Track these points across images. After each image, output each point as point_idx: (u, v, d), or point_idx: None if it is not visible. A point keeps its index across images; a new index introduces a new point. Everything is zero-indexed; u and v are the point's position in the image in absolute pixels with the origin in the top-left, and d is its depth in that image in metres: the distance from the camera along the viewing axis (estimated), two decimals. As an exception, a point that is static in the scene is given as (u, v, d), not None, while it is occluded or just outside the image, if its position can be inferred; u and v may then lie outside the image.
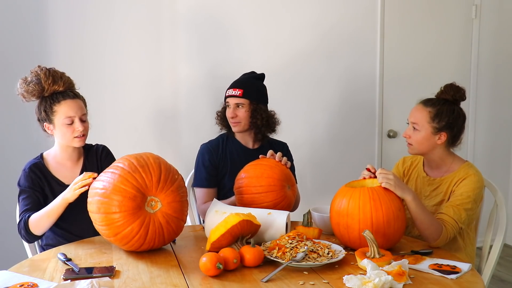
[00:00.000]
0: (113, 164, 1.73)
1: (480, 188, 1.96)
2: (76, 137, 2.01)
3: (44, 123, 2.02)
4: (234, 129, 2.36)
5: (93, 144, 2.21)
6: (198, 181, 2.35)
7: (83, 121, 2.03)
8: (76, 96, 2.03)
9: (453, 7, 3.63)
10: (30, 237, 1.93)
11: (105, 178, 1.67)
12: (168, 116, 3.06)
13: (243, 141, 2.41)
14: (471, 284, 1.45)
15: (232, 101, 2.33)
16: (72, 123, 1.99)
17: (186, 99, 3.07)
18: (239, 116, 2.32)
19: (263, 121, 2.34)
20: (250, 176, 1.99)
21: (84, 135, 2.04)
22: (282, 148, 2.47)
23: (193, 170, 2.49)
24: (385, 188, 1.73)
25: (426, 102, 2.05)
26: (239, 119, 2.32)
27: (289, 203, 2.00)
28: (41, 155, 2.09)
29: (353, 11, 3.37)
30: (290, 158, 2.47)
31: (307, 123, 3.36)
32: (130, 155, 1.75)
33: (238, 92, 2.32)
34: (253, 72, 2.47)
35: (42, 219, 1.88)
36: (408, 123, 2.10)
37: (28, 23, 2.72)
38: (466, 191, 1.91)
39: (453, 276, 1.49)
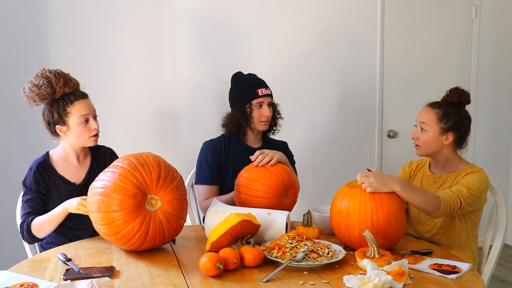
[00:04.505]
0: (113, 163, 1.73)
1: (486, 182, 1.98)
2: (92, 136, 2.05)
3: (57, 126, 2.01)
4: (263, 128, 2.36)
5: (100, 145, 2.21)
6: (201, 178, 2.34)
7: (95, 119, 2.06)
8: (85, 95, 2.06)
9: (453, 7, 3.63)
10: (32, 239, 1.94)
11: (105, 177, 1.67)
12: (168, 116, 3.06)
13: (250, 141, 2.40)
14: (471, 284, 1.45)
15: (267, 100, 2.34)
16: (87, 122, 2.02)
17: (186, 99, 3.07)
18: (270, 115, 2.35)
19: (278, 117, 2.43)
20: (249, 177, 2.00)
21: (98, 133, 2.07)
22: (282, 147, 2.48)
23: (193, 170, 2.49)
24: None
25: (433, 105, 2.10)
26: (269, 117, 2.35)
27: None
28: (47, 153, 2.10)
29: (353, 12, 3.37)
30: (290, 155, 2.47)
31: (307, 123, 3.36)
32: (129, 155, 1.75)
33: (269, 91, 2.36)
34: (250, 74, 2.46)
35: (44, 224, 1.90)
36: (416, 126, 2.13)
37: (28, 23, 2.72)
38: (472, 179, 1.95)
39: (453, 276, 1.49)
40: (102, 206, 1.62)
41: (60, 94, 1.98)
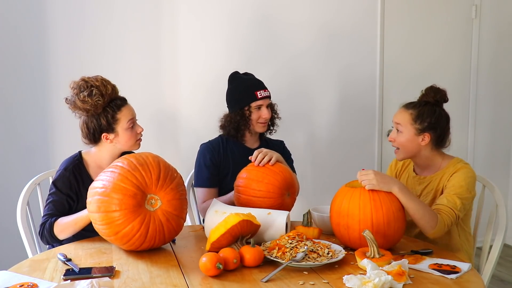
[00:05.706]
0: (113, 163, 1.73)
1: (472, 177, 1.95)
2: (138, 140, 2.07)
3: (103, 134, 1.99)
4: (261, 129, 2.36)
5: None
6: (199, 181, 2.32)
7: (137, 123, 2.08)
8: (126, 99, 2.06)
9: (453, 7, 3.64)
10: (52, 240, 1.90)
11: (105, 177, 1.67)
12: (168, 117, 3.06)
13: (248, 141, 2.39)
14: (471, 284, 1.45)
15: (266, 102, 2.33)
16: (133, 126, 2.03)
17: (186, 99, 3.07)
18: (269, 116, 2.34)
19: (276, 117, 2.42)
20: (250, 177, 1.97)
21: (141, 137, 2.09)
22: (280, 146, 2.47)
23: (193, 170, 2.49)
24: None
25: (408, 105, 2.08)
26: (268, 119, 2.35)
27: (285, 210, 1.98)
28: (80, 154, 2.06)
29: (353, 11, 3.38)
30: (288, 154, 2.47)
31: (307, 123, 3.36)
32: (129, 155, 1.76)
33: (268, 92, 2.35)
34: (247, 73, 2.45)
35: (68, 225, 1.87)
36: (393, 127, 2.11)
37: (27, 23, 2.72)
38: (458, 181, 1.92)
39: (453, 276, 1.49)
40: (102, 206, 1.62)
41: (107, 102, 1.97)
